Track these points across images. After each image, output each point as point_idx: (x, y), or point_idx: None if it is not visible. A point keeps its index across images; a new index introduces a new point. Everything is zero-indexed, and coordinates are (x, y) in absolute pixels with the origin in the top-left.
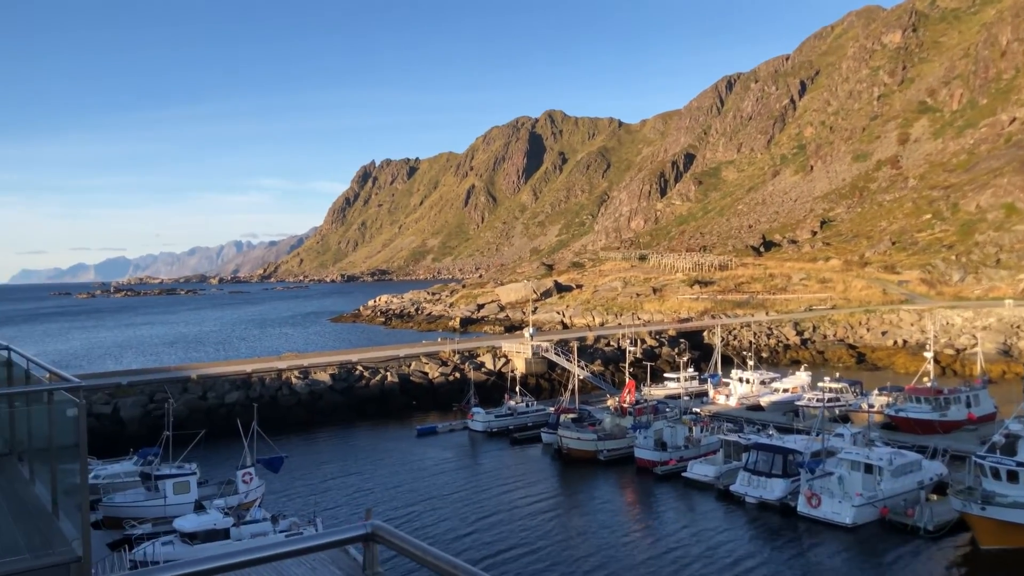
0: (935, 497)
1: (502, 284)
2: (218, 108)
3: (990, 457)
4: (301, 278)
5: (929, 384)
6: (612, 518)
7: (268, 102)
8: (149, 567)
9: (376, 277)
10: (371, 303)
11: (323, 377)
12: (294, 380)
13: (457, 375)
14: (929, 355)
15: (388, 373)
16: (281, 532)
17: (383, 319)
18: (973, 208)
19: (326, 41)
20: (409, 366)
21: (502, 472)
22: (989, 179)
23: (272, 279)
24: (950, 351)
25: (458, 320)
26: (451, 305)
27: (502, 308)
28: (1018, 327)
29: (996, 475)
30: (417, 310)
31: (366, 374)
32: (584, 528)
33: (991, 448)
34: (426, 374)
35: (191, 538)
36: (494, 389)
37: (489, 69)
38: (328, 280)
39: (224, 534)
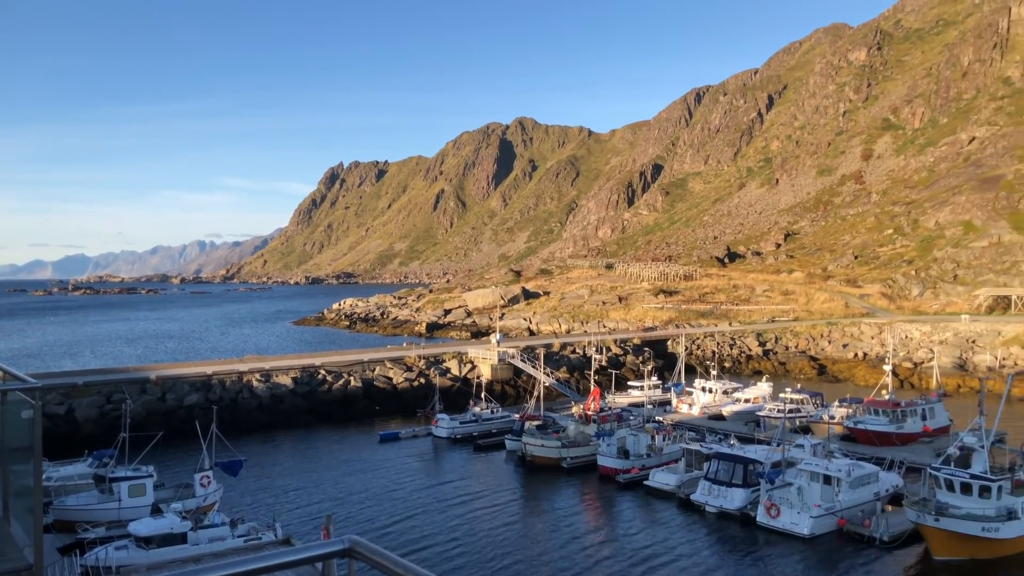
0: (891, 508)
1: (470, 290)
2: (183, 106)
3: (944, 469)
4: (265, 279)
5: (887, 397)
6: (573, 526)
7: (234, 100)
8: None
9: (341, 280)
10: (336, 306)
11: (285, 380)
12: (255, 383)
13: (422, 380)
14: (888, 368)
15: (351, 378)
16: (239, 537)
17: (347, 323)
18: (932, 224)
19: (291, 38)
20: (373, 371)
21: (465, 479)
22: (948, 196)
23: (235, 280)
24: (908, 364)
25: (424, 325)
26: (417, 310)
27: (469, 314)
28: (973, 342)
29: (950, 487)
30: (383, 314)
31: (329, 378)
32: (545, 536)
33: (946, 460)
34: (390, 379)
35: (146, 543)
36: (459, 395)
37: (461, 74)
38: (292, 282)
39: (181, 538)
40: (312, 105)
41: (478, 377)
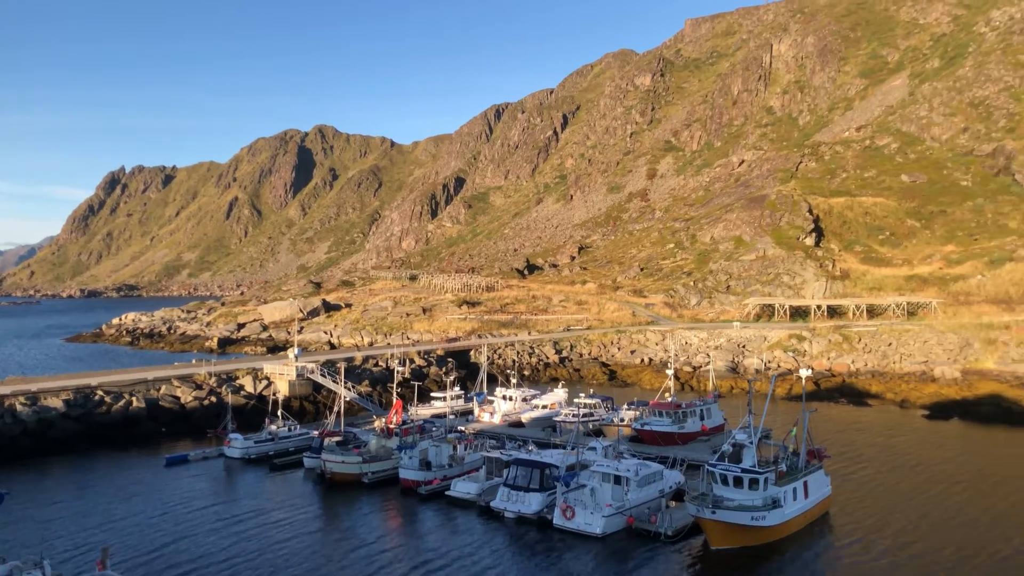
0: (674, 504)
1: (266, 302)
2: None
3: (720, 465)
4: (32, 292)
5: (670, 399)
6: (369, 541)
7: None
8: None
9: (123, 293)
10: (116, 321)
11: (55, 403)
12: (19, 407)
13: (213, 399)
14: (670, 372)
15: (134, 398)
16: None
17: (129, 339)
18: (708, 239)
19: (64, 29)
20: (158, 390)
21: (259, 501)
22: (722, 214)
23: None
24: (688, 368)
25: (216, 340)
26: (208, 324)
27: (265, 328)
28: (743, 347)
29: (724, 481)
30: (169, 329)
31: (108, 399)
32: (338, 553)
33: (720, 457)
34: (178, 398)
35: None
36: (254, 413)
37: (256, 77)
38: (65, 295)
39: None
40: (89, 103)
41: (275, 394)
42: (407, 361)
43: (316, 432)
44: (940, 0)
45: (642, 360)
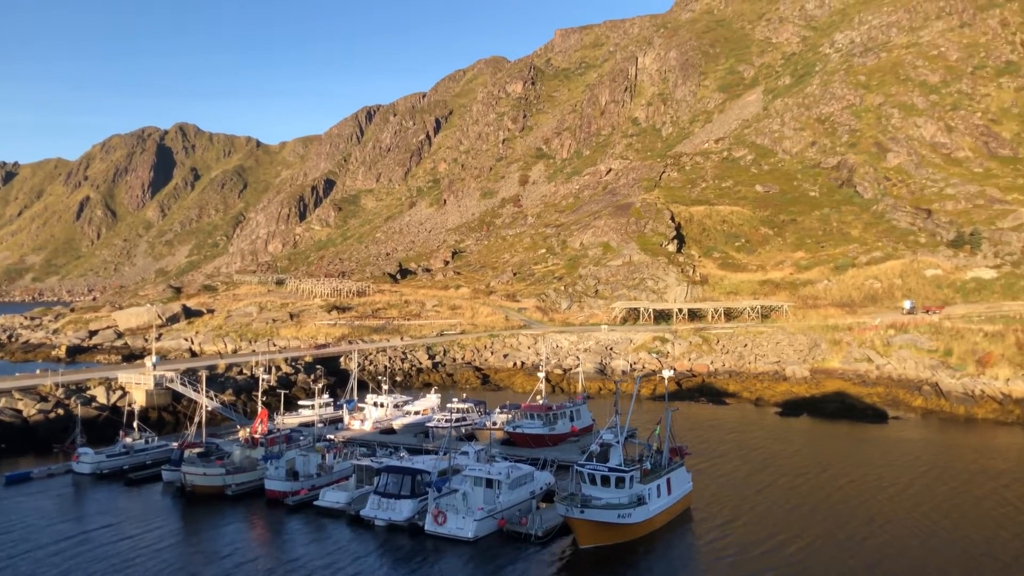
0: (545, 505)
1: (121, 308)
2: None
3: (588, 465)
4: None
5: (541, 401)
6: (232, 556)
7: None
8: None
9: None
10: None
11: None
12: None
13: (60, 412)
14: (541, 375)
15: None
16: None
17: None
18: (578, 245)
19: None
20: None
21: (110, 517)
22: (590, 220)
23: None
24: (559, 371)
25: (64, 349)
26: (56, 331)
27: (120, 335)
28: (611, 349)
29: (592, 481)
30: (10, 337)
31: None
32: (197, 568)
33: (589, 457)
34: (19, 412)
35: None
36: (108, 426)
37: (110, 68)
38: None
39: None
40: None
41: (130, 404)
42: (273, 369)
43: (176, 444)
44: (790, 22)
45: (515, 364)
